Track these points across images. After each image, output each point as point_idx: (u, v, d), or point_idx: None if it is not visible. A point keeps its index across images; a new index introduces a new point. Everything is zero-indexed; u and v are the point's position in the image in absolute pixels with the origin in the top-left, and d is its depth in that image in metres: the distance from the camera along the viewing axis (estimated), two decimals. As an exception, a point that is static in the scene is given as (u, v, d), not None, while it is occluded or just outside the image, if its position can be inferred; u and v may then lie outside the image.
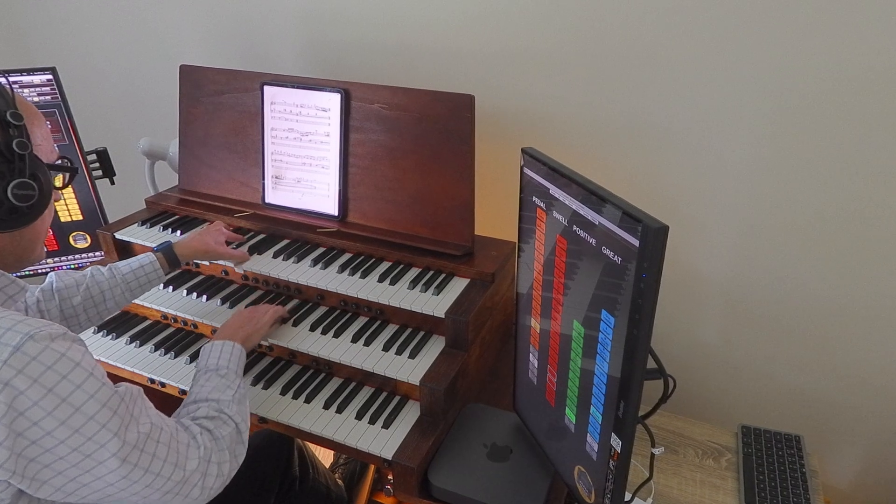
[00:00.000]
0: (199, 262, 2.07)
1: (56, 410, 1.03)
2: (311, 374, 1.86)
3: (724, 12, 1.80)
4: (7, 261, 1.26)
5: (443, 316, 1.75)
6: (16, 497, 1.08)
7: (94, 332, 2.02)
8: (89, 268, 1.77)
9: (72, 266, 2.41)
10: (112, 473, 1.10)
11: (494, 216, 2.15)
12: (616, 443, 1.22)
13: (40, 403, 1.02)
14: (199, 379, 1.52)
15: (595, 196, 1.16)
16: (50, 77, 2.25)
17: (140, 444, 1.14)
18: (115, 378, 1.31)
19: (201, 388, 1.47)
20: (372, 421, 1.69)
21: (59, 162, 1.32)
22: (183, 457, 1.22)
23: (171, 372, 1.86)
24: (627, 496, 1.47)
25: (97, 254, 2.41)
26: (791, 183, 1.90)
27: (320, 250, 2.05)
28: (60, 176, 1.36)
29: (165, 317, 2.04)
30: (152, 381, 1.86)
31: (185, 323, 2.02)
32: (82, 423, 1.05)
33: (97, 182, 2.41)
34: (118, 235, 2.16)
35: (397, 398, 1.77)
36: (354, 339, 1.81)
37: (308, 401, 1.76)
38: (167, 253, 1.86)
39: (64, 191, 1.40)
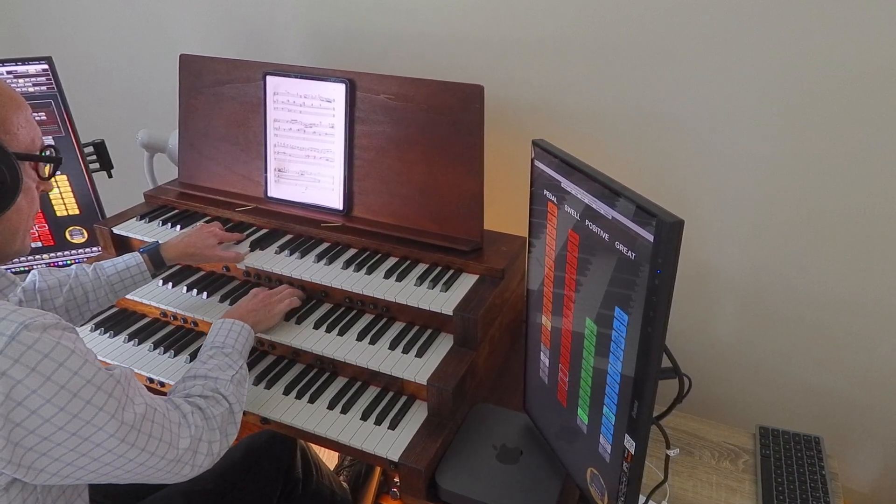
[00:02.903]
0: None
1: (55, 397, 1.05)
2: (314, 374, 1.87)
3: (736, 5, 1.80)
4: None
5: (451, 313, 1.76)
6: (8, 484, 1.10)
7: (90, 330, 2.03)
8: (73, 266, 1.79)
9: (67, 262, 2.41)
10: (109, 453, 1.15)
11: (504, 210, 2.15)
12: (630, 444, 1.22)
13: (39, 391, 1.04)
14: (202, 354, 1.59)
15: (608, 189, 1.16)
16: (46, 67, 2.25)
17: (137, 425, 1.18)
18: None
19: (202, 365, 1.53)
20: (378, 422, 1.70)
21: (45, 152, 1.31)
22: (175, 436, 1.27)
23: (171, 371, 1.87)
24: (641, 499, 1.48)
25: (94, 249, 2.42)
26: (807, 176, 1.90)
27: (324, 245, 2.05)
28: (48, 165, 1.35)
29: (165, 314, 2.05)
30: (151, 380, 1.87)
31: (185, 321, 2.03)
32: (81, 407, 1.09)
33: (94, 175, 2.41)
34: (116, 230, 2.17)
35: (404, 398, 1.77)
36: (360, 338, 1.82)
37: (312, 401, 1.77)
38: (153, 255, 1.88)
39: (58, 184, 1.39)
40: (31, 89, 2.24)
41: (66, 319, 1.71)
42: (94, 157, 2.49)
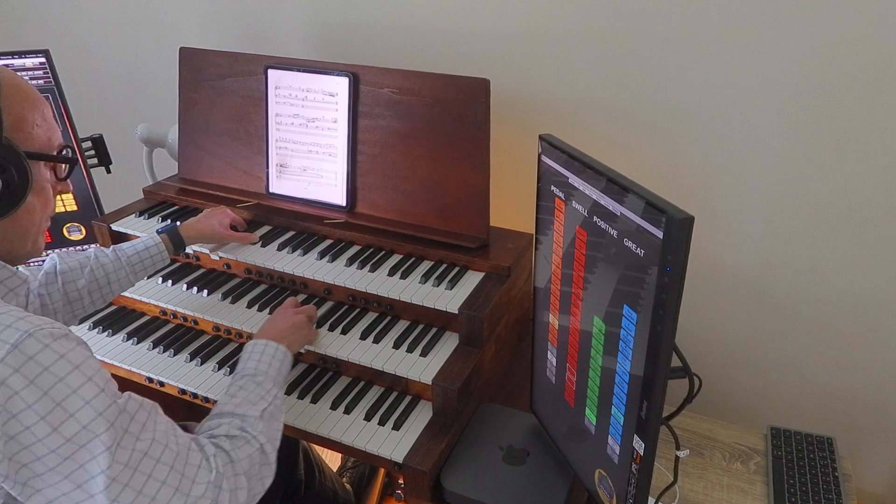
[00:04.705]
0: (199, 254, 2.10)
1: (49, 415, 1.01)
2: (317, 373, 1.87)
3: (748, -3, 1.80)
4: None
5: (456, 311, 1.76)
6: (8, 499, 1.07)
7: (88, 329, 2.05)
8: (92, 249, 1.80)
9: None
10: (100, 493, 1.06)
11: (510, 206, 2.15)
12: (639, 445, 1.23)
13: (34, 406, 1.00)
14: (232, 385, 1.47)
15: (617, 185, 1.16)
16: (43, 60, 2.26)
17: (134, 463, 1.09)
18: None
19: (230, 399, 1.41)
20: (382, 422, 1.70)
21: (62, 152, 1.31)
22: (188, 480, 1.16)
23: (171, 370, 1.87)
24: (651, 501, 1.48)
25: (92, 246, 2.42)
26: (822, 170, 1.89)
27: (327, 242, 2.06)
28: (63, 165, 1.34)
29: (164, 312, 2.06)
30: (150, 379, 1.87)
31: (185, 319, 2.04)
32: (75, 431, 1.03)
33: (92, 171, 2.42)
34: (115, 227, 2.18)
35: (408, 398, 1.78)
36: (363, 336, 1.82)
37: (314, 401, 1.77)
38: (172, 235, 1.89)
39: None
40: (28, 83, 2.24)
41: (87, 302, 1.72)
42: (93, 152, 2.50)
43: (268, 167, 2.18)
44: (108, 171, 2.56)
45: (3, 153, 1.18)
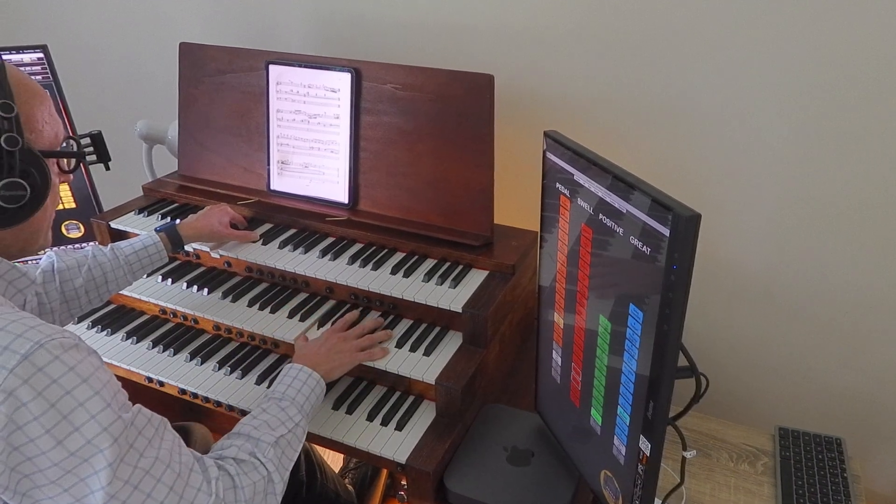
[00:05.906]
0: (200, 252, 2.10)
1: (55, 428, 1.01)
2: (319, 373, 1.87)
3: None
4: (10, 252, 1.26)
5: (460, 310, 1.76)
6: None
7: (87, 328, 2.05)
8: (90, 247, 1.80)
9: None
10: None
11: (515, 204, 2.15)
12: (645, 445, 1.23)
13: (40, 419, 0.99)
14: (258, 406, 1.47)
15: (623, 182, 1.16)
16: (41, 55, 2.26)
17: (135, 481, 1.08)
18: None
19: (251, 420, 1.41)
20: (384, 422, 1.70)
21: (64, 147, 1.31)
22: (187, 503, 1.15)
23: (171, 370, 1.88)
24: (657, 503, 1.48)
25: (91, 244, 2.42)
26: (830, 168, 1.89)
27: (329, 240, 2.06)
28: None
29: (164, 311, 2.06)
30: (150, 379, 1.88)
31: (185, 318, 2.04)
32: (79, 445, 1.03)
33: (91, 168, 2.42)
34: (114, 224, 2.18)
35: (411, 398, 1.78)
36: (365, 335, 1.82)
37: (316, 400, 1.77)
38: (170, 233, 1.90)
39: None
40: (26, 79, 2.24)
41: (84, 301, 1.71)
42: (91, 148, 2.49)
43: (269, 164, 2.18)
44: (108, 168, 2.55)
45: (26, 158, 1.18)
